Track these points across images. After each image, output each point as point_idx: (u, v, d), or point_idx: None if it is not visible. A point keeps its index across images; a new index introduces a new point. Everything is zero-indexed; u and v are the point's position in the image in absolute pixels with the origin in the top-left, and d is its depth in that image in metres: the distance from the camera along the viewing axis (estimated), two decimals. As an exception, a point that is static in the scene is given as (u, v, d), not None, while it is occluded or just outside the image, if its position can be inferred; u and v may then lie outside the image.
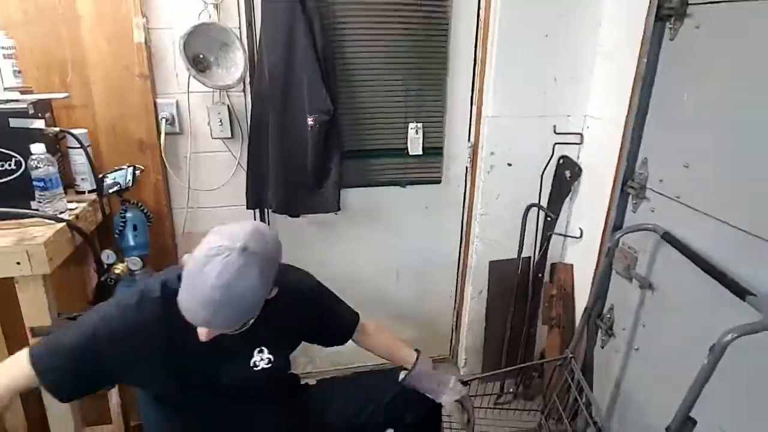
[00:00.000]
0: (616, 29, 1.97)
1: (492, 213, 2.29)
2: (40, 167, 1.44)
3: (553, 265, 2.38)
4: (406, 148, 2.22)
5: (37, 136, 1.49)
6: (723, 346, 1.19)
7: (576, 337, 1.95)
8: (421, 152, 2.23)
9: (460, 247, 2.49)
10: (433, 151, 2.27)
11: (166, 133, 1.94)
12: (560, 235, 2.32)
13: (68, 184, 1.72)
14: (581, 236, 2.22)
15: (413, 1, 2.01)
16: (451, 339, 2.68)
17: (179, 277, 1.11)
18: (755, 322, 1.20)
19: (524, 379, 2.43)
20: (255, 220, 2.18)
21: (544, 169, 2.23)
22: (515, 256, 2.34)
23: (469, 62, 2.18)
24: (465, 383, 1.59)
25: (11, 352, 1.72)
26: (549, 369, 2.32)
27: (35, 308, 1.42)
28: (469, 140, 2.29)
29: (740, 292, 1.33)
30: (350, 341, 1.60)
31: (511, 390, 2.38)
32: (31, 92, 1.64)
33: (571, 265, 2.31)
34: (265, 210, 2.16)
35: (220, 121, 1.99)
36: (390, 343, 1.62)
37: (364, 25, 2.02)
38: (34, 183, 1.47)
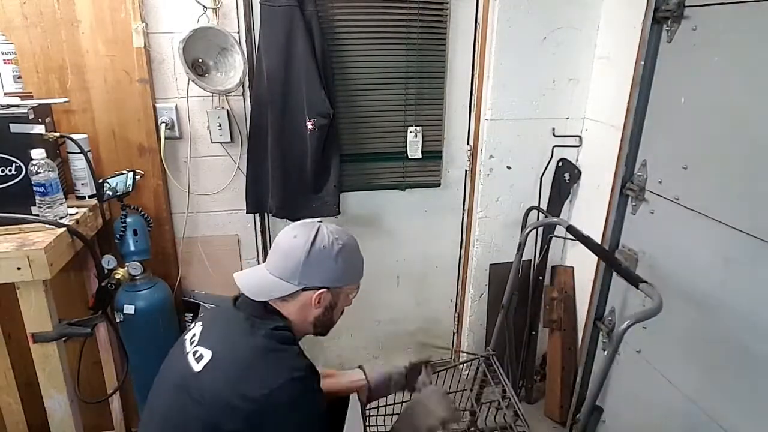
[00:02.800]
0: (613, 32, 1.98)
1: (492, 216, 2.29)
2: (40, 172, 1.44)
3: (553, 267, 2.38)
4: (406, 152, 2.23)
5: (37, 141, 1.49)
6: (620, 334, 1.24)
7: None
8: (420, 155, 2.24)
9: (460, 250, 2.49)
10: (433, 154, 2.27)
11: (166, 138, 1.94)
12: (560, 237, 2.32)
13: (68, 189, 1.72)
14: (581, 238, 2.22)
15: (412, 5, 2.02)
16: (452, 342, 2.67)
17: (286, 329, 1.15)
18: (647, 309, 1.23)
19: (525, 383, 2.43)
20: (255, 223, 2.18)
21: (544, 171, 2.24)
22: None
23: (468, 65, 2.19)
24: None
25: (12, 357, 1.73)
26: (550, 372, 2.32)
27: (36, 313, 1.41)
28: (468, 143, 2.30)
29: (634, 280, 1.35)
30: None
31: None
32: (31, 97, 1.64)
33: (572, 268, 2.31)
34: (265, 214, 2.16)
35: (220, 125, 1.99)
36: (335, 380, 1.51)
37: (362, 29, 2.03)
38: (35, 188, 1.47)
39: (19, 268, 1.34)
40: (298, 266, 1.14)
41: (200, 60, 1.86)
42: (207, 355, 1.09)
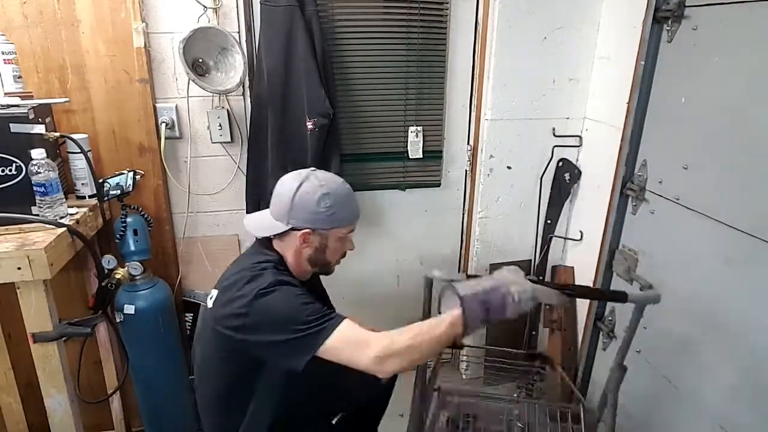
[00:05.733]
0: (614, 31, 1.98)
1: (492, 216, 2.29)
2: (40, 172, 1.44)
3: (554, 267, 2.38)
4: (406, 152, 2.23)
5: (37, 141, 1.49)
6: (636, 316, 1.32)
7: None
8: (421, 155, 2.24)
9: (461, 250, 2.49)
10: (433, 154, 2.27)
11: (166, 138, 1.94)
12: (560, 237, 2.32)
13: (69, 189, 1.72)
14: (581, 239, 2.22)
15: (412, 5, 2.02)
16: (453, 343, 2.67)
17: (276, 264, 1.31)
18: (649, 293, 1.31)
19: (528, 382, 2.42)
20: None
21: (544, 171, 2.24)
22: (516, 259, 2.35)
23: (468, 65, 2.19)
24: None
25: (13, 358, 1.73)
26: (550, 370, 2.32)
27: (37, 313, 1.41)
28: (468, 143, 2.29)
29: (618, 298, 1.29)
30: None
31: (515, 394, 2.38)
32: (31, 97, 1.64)
33: (572, 268, 2.31)
34: (265, 214, 2.16)
35: (220, 125, 1.99)
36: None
37: (363, 29, 2.03)
38: (35, 188, 1.47)
39: (19, 268, 1.34)
40: (286, 208, 1.31)
41: (200, 60, 1.85)
42: (214, 293, 1.32)
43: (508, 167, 2.22)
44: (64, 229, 1.48)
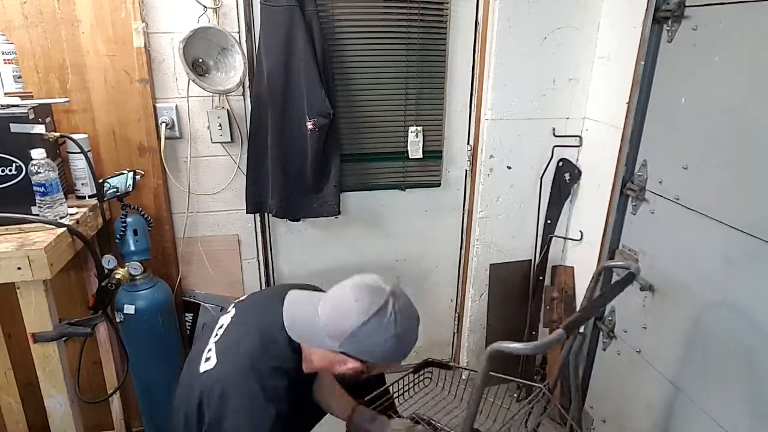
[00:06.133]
0: (614, 31, 1.98)
1: (492, 216, 2.29)
2: (40, 172, 1.44)
3: (554, 267, 2.38)
4: (406, 152, 2.23)
5: (37, 141, 1.49)
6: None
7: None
8: (421, 155, 2.24)
9: (461, 250, 2.49)
10: (433, 154, 2.27)
11: (166, 138, 1.94)
12: (560, 237, 2.32)
13: (69, 189, 1.72)
14: (581, 238, 2.22)
15: (412, 5, 2.02)
16: (453, 343, 2.67)
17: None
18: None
19: (526, 385, 2.42)
20: (255, 223, 2.18)
21: (544, 171, 2.24)
22: (516, 259, 2.35)
23: (468, 65, 2.19)
24: (417, 422, 1.54)
25: (13, 358, 1.73)
26: (550, 372, 2.32)
27: (37, 313, 1.41)
28: (468, 143, 2.29)
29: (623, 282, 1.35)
30: None
31: (515, 395, 2.38)
32: (31, 97, 1.64)
33: (572, 268, 2.31)
34: (265, 214, 2.16)
35: (220, 125, 1.99)
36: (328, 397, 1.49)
37: (363, 29, 2.03)
38: (35, 188, 1.47)
39: (19, 268, 1.34)
40: (346, 332, 1.12)
41: (200, 60, 1.85)
42: (213, 360, 1.19)
43: (508, 167, 2.22)
44: (64, 229, 1.48)
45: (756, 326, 1.38)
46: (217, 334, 1.27)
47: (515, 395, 2.37)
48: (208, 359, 1.21)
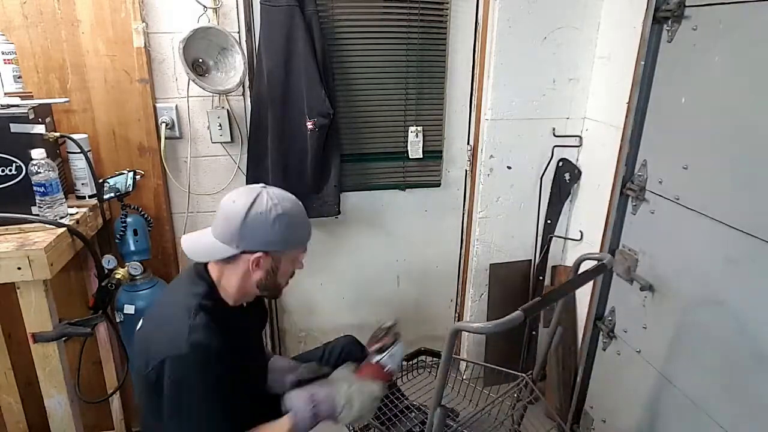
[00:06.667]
0: (613, 31, 1.98)
1: (492, 216, 2.29)
2: (40, 172, 1.44)
3: (554, 267, 2.38)
4: (406, 152, 2.23)
5: (37, 141, 1.49)
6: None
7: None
8: (421, 155, 2.24)
9: (461, 250, 2.49)
10: (433, 154, 2.27)
11: (166, 138, 1.94)
12: (560, 237, 2.32)
13: (69, 189, 1.72)
14: (581, 239, 2.22)
15: (412, 5, 2.02)
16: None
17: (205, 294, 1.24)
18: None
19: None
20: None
21: (544, 171, 2.24)
22: (516, 259, 2.35)
23: (468, 65, 2.19)
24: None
25: (13, 358, 1.73)
26: (550, 372, 2.32)
27: (37, 313, 1.42)
28: (468, 143, 2.30)
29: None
30: None
31: (515, 394, 2.38)
32: (31, 97, 1.64)
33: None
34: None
35: (220, 125, 1.99)
36: None
37: (363, 29, 2.03)
38: (35, 188, 1.47)
39: (19, 268, 1.34)
40: (236, 230, 1.19)
41: (200, 60, 1.85)
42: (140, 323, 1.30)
43: (508, 167, 2.22)
44: (64, 229, 1.48)
45: (756, 326, 1.38)
46: None
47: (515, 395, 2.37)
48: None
